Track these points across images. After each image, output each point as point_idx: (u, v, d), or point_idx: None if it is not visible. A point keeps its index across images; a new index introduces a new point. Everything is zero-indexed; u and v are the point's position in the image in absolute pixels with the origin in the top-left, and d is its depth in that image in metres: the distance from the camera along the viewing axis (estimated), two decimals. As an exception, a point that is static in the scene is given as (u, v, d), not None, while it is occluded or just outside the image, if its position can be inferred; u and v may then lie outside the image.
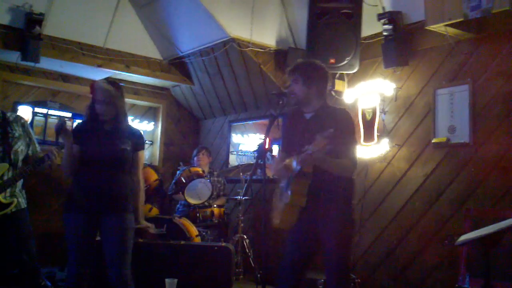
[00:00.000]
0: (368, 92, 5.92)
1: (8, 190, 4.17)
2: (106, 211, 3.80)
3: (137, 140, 4.01)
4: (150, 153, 8.45)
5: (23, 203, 4.33)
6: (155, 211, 6.31)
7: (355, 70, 5.84)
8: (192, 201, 6.12)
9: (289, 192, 3.47)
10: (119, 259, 3.78)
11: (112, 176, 3.87)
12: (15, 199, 4.22)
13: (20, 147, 4.30)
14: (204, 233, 6.00)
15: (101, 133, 3.92)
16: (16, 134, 4.30)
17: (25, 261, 4.21)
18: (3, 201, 4.15)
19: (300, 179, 3.44)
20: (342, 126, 3.49)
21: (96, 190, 3.82)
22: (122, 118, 3.97)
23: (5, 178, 4.17)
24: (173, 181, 6.49)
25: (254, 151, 7.10)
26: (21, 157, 4.32)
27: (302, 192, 3.44)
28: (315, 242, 3.55)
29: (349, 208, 3.58)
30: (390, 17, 5.46)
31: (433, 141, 5.35)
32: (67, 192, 4.01)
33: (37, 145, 4.50)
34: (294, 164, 3.50)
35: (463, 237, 3.26)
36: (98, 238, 3.96)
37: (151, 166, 6.48)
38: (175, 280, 4.77)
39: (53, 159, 4.18)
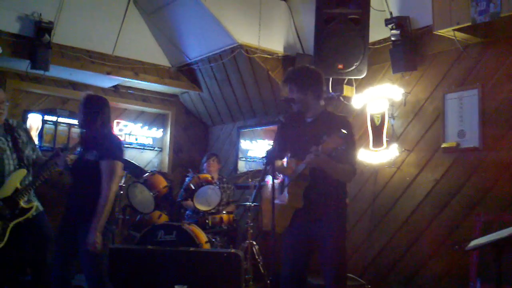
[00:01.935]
0: (376, 97, 5.90)
1: (26, 195, 4.22)
2: (75, 219, 3.97)
3: (102, 149, 3.96)
4: (159, 160, 8.47)
5: (40, 206, 4.39)
6: (164, 218, 6.32)
7: (363, 76, 5.83)
8: (201, 207, 6.12)
9: (286, 194, 3.50)
10: (83, 265, 3.91)
11: (80, 186, 4.03)
12: (34, 203, 4.28)
13: (29, 152, 4.37)
14: (213, 240, 6.00)
15: (82, 143, 4.14)
16: (24, 140, 4.36)
17: (46, 264, 4.25)
18: (24, 206, 4.19)
19: (298, 181, 3.48)
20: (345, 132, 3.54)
21: (70, 199, 4.08)
22: (88, 127, 4.07)
23: (23, 184, 4.22)
24: (182, 187, 6.50)
25: (263, 157, 7.09)
26: (31, 162, 4.38)
27: (299, 193, 3.48)
28: (308, 244, 3.62)
29: (343, 212, 3.64)
30: (398, 22, 5.45)
31: (442, 146, 5.32)
32: None
33: (38, 149, 4.60)
34: (293, 166, 3.54)
35: (473, 242, 3.24)
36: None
37: (160, 173, 6.49)
38: (185, 287, 4.77)
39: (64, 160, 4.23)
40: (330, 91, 6.12)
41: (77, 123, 4.17)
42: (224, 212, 6.49)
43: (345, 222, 3.66)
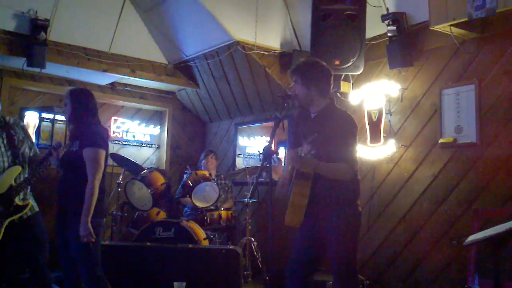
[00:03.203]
0: (373, 93, 5.91)
1: (21, 193, 4.21)
2: (64, 213, 4.02)
3: (83, 138, 3.99)
4: (157, 157, 8.47)
5: (36, 206, 4.38)
6: (162, 215, 6.32)
7: (360, 72, 5.83)
8: (199, 204, 6.12)
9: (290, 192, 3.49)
10: (75, 259, 3.93)
11: (67, 179, 4.09)
12: (30, 201, 4.27)
13: (25, 149, 4.35)
14: (212, 236, 6.00)
15: (70, 137, 4.18)
16: (21, 137, 4.34)
17: (40, 265, 4.24)
18: (19, 203, 4.19)
19: (300, 180, 3.45)
20: (340, 129, 3.49)
21: (58, 193, 4.11)
22: (76, 121, 4.11)
23: (18, 181, 4.21)
24: (180, 184, 6.50)
25: (260, 153, 7.10)
26: (27, 159, 4.36)
27: (303, 193, 3.45)
28: (320, 244, 3.55)
29: (352, 209, 3.53)
30: (394, 18, 5.45)
31: (440, 141, 5.34)
32: None
33: (36, 146, 4.58)
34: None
35: (471, 238, 3.26)
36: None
37: (158, 170, 6.48)
38: (184, 284, 4.78)
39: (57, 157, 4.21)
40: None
41: (65, 118, 4.19)
42: (222, 208, 6.49)
43: (354, 221, 3.52)
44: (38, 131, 7.10)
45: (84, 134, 4.01)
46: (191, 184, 6.11)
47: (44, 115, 7.21)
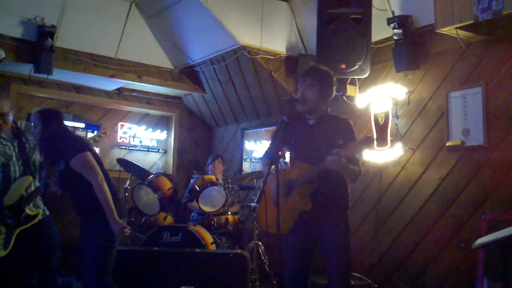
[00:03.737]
0: (380, 97, 5.90)
1: (31, 203, 4.22)
2: (81, 222, 4.10)
3: (64, 153, 3.96)
4: (164, 161, 8.48)
5: (46, 210, 4.40)
6: (169, 219, 6.33)
7: (366, 75, 5.82)
8: (206, 209, 6.12)
9: (295, 196, 3.50)
10: (87, 263, 3.95)
11: (71, 196, 4.10)
12: (40, 210, 4.28)
13: (36, 156, 4.36)
14: (219, 241, 6.01)
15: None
16: (32, 145, 4.35)
17: (49, 270, 4.25)
18: (30, 213, 4.20)
19: (307, 184, 3.47)
20: (349, 135, 3.60)
21: (73, 208, 4.16)
22: (53, 140, 4.04)
23: (29, 190, 4.22)
24: (187, 189, 6.50)
25: (261, 157, 7.10)
26: (37, 167, 4.37)
27: (307, 196, 3.48)
28: (313, 244, 3.64)
29: (346, 209, 3.68)
30: (400, 21, 5.46)
31: (447, 144, 5.32)
32: None
33: None
34: (302, 168, 3.54)
35: (479, 241, 3.24)
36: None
37: (165, 174, 6.49)
38: (191, 288, 4.78)
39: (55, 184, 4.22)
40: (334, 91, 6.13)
41: (36, 139, 4.18)
42: (229, 213, 6.49)
43: (348, 220, 3.68)
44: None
45: (64, 148, 3.97)
46: (198, 189, 6.11)
47: (51, 121, 7.22)
